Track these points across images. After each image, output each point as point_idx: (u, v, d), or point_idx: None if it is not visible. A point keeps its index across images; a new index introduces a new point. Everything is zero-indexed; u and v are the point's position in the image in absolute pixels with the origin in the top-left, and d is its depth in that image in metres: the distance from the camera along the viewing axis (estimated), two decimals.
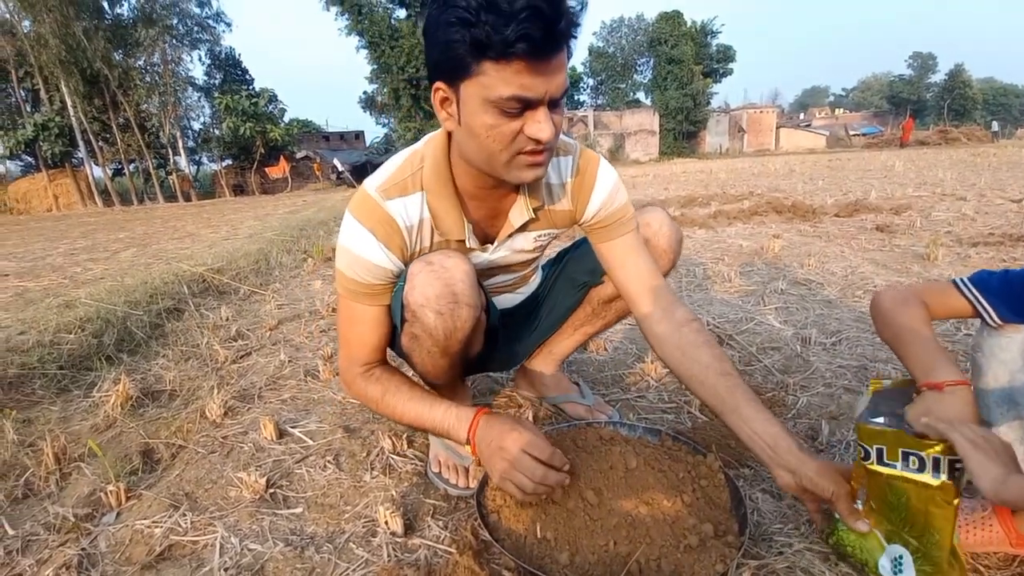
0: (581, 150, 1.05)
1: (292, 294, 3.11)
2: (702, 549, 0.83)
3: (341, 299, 1.03)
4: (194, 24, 20.84)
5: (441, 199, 0.95)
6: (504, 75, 0.72)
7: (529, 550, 0.87)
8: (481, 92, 0.74)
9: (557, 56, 0.73)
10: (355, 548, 0.99)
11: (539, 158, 0.82)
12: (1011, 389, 0.77)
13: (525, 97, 0.74)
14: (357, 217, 0.94)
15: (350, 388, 1.07)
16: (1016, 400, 0.76)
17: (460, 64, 0.74)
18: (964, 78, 43.99)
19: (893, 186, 6.25)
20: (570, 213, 1.06)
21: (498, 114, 0.76)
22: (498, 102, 0.74)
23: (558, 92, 0.76)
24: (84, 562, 1.00)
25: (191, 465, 1.32)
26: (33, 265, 4.77)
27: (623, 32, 35.96)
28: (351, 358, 1.05)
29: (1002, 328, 0.77)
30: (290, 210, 9.57)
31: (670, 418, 1.39)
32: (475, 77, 0.74)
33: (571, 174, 1.03)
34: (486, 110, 0.76)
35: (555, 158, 1.01)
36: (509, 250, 1.08)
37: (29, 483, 1.27)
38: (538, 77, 0.73)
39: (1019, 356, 0.75)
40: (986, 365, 0.79)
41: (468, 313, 0.93)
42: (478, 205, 0.99)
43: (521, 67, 0.71)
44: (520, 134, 0.78)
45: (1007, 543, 0.87)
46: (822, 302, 2.21)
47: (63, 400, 1.74)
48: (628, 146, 28.57)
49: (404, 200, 0.94)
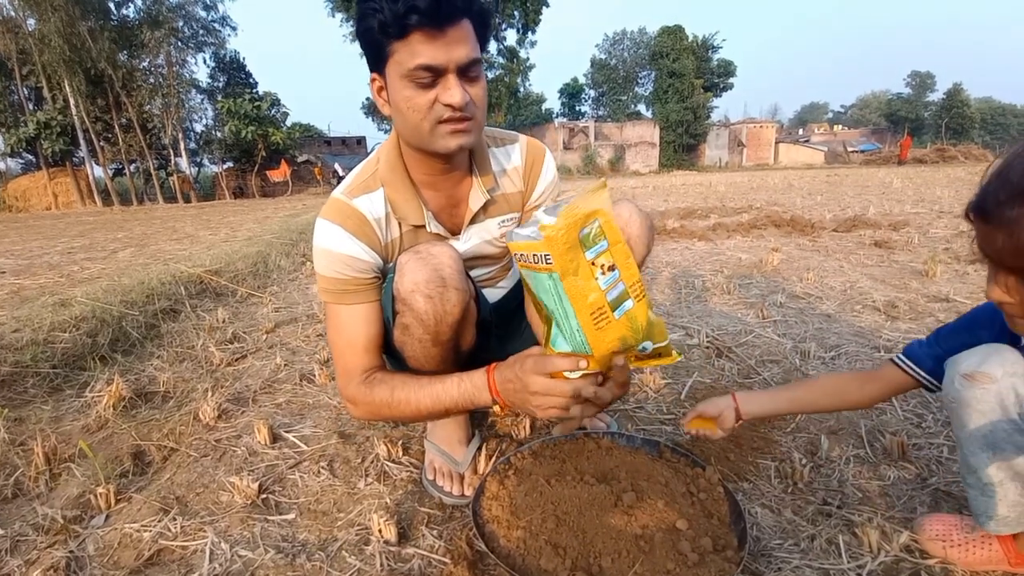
0: (527, 139, 1.15)
1: (290, 297, 3.10)
2: (701, 564, 0.81)
3: (327, 309, 1.04)
4: (200, 27, 20.92)
5: (397, 190, 1.01)
6: (410, 48, 0.82)
7: (525, 561, 0.85)
8: (397, 70, 0.84)
9: (454, 26, 0.82)
10: (347, 556, 0.98)
11: (460, 126, 0.89)
12: (992, 435, 0.78)
13: (430, 65, 0.82)
14: (327, 217, 1.00)
15: (356, 405, 1.01)
16: (998, 445, 0.78)
17: (379, 50, 0.84)
18: (962, 97, 44.32)
19: (891, 202, 6.28)
20: (521, 194, 1.15)
21: (414, 87, 0.85)
22: (409, 75, 0.83)
23: (464, 60, 0.84)
24: (72, 565, 0.98)
25: (183, 468, 1.30)
26: (30, 263, 4.75)
27: (625, 45, 36.31)
28: (348, 371, 1.02)
29: (975, 379, 0.78)
30: (290, 213, 9.56)
31: (669, 430, 1.38)
32: (391, 59, 0.84)
33: (520, 159, 1.13)
34: (404, 85, 0.85)
35: (503, 147, 1.12)
36: (479, 239, 1.12)
37: (19, 483, 1.25)
38: (439, 47, 0.81)
39: (997, 405, 0.76)
40: (965, 416, 0.80)
41: (457, 297, 0.95)
42: (435, 194, 1.05)
43: (420, 38, 0.81)
44: (436, 103, 0.86)
45: (1006, 563, 0.86)
46: (821, 316, 2.21)
47: (55, 399, 1.72)
48: (628, 158, 28.71)
49: (368, 196, 1.01)
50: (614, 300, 0.77)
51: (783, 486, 1.13)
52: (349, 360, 1.02)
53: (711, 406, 1.09)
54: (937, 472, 1.15)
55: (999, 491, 0.79)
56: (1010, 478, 0.78)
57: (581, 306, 0.76)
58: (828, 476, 1.15)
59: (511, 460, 1.09)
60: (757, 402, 1.08)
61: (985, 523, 0.83)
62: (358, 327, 1.01)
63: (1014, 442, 0.76)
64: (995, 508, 0.80)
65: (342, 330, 1.02)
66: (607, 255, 0.76)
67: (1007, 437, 0.76)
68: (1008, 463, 0.77)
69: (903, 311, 2.20)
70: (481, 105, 0.90)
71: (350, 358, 1.02)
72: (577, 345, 0.81)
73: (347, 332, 1.02)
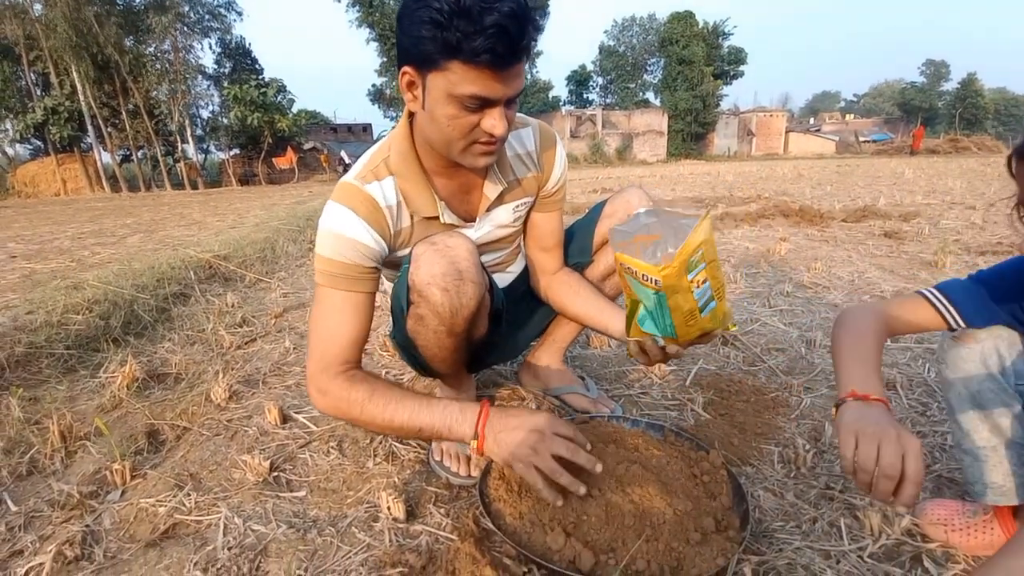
0: (539, 124, 1.14)
1: (297, 283, 3.12)
2: (703, 542, 0.83)
3: (318, 290, 0.98)
4: (206, 12, 20.83)
5: (409, 180, 1.00)
6: (469, 76, 0.79)
7: (530, 539, 0.87)
8: (446, 86, 0.81)
9: (517, 65, 0.81)
10: (357, 532, 1.00)
11: (491, 148, 0.90)
12: (980, 396, 0.80)
13: (486, 97, 0.82)
14: (338, 200, 0.98)
15: (324, 395, 0.95)
16: (985, 406, 0.79)
17: (429, 58, 0.80)
18: (976, 87, 43.55)
19: (902, 193, 6.22)
20: (537, 178, 1.14)
21: (459, 107, 0.83)
22: (461, 98, 0.81)
23: (514, 93, 0.85)
24: (88, 539, 1.01)
25: (196, 447, 1.33)
26: (41, 248, 4.80)
27: (634, 31, 35.74)
28: (325, 359, 0.95)
29: (960, 339, 0.79)
30: (296, 200, 9.58)
31: (673, 415, 1.39)
32: (442, 72, 0.80)
33: (535, 144, 1.12)
34: (449, 102, 0.83)
35: (516, 131, 1.10)
36: (492, 225, 1.12)
37: (34, 460, 1.28)
38: (499, 82, 0.81)
39: (981, 364, 0.78)
40: (952, 376, 0.82)
41: (473, 290, 0.95)
42: (447, 183, 1.04)
43: (485, 72, 0.79)
44: (477, 127, 0.86)
45: None
46: (828, 306, 2.20)
47: (70, 380, 1.76)
48: (636, 146, 28.45)
49: (379, 183, 0.99)
50: (703, 305, 0.86)
51: (786, 470, 1.14)
52: (329, 348, 0.95)
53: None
54: (940, 459, 1.16)
55: (992, 456, 0.80)
56: (1004, 444, 0.79)
57: (677, 314, 0.86)
58: (831, 462, 1.16)
59: None
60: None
61: (981, 492, 0.83)
62: (347, 317, 0.96)
63: (1002, 401, 0.78)
64: (988, 475, 0.81)
65: (330, 316, 0.96)
66: (704, 272, 0.84)
67: (994, 397, 0.78)
68: (998, 426, 0.79)
69: None
70: (511, 127, 0.92)
71: (331, 347, 0.96)
72: (664, 329, 0.90)
73: (335, 320, 0.96)
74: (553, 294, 1.25)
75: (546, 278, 1.26)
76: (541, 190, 1.16)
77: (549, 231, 1.22)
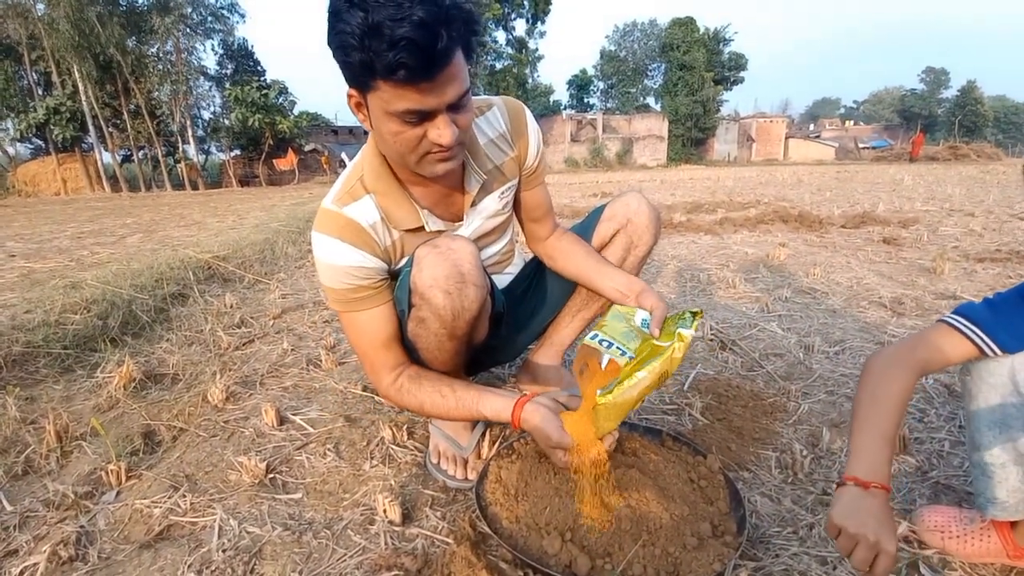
0: (504, 100, 1.11)
1: (296, 284, 3.12)
2: (700, 548, 0.83)
3: (341, 317, 1.04)
4: (208, 14, 20.89)
5: (387, 196, 0.99)
6: (396, 93, 0.76)
7: (527, 542, 0.87)
8: (381, 104, 0.79)
9: (444, 71, 0.76)
10: (353, 535, 1.00)
11: (446, 154, 0.87)
12: (1002, 412, 0.77)
13: (419, 110, 0.79)
14: (321, 231, 0.98)
15: (395, 400, 1.05)
16: (1007, 423, 0.77)
17: (358, 79, 0.78)
18: (976, 95, 43.67)
19: (901, 200, 6.23)
20: (516, 159, 1.13)
21: (400, 123, 0.81)
22: (398, 114, 0.79)
23: (455, 98, 0.80)
24: (82, 539, 1.01)
25: (192, 448, 1.33)
26: (40, 247, 4.80)
27: (635, 36, 35.87)
28: (376, 369, 1.04)
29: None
30: (296, 202, 9.58)
31: (671, 419, 1.39)
32: (374, 91, 0.78)
33: (504, 124, 1.09)
34: (389, 119, 0.81)
35: (483, 115, 1.07)
36: (482, 218, 1.12)
37: (29, 460, 1.28)
38: (428, 94, 0.77)
39: (1008, 380, 0.76)
40: (976, 389, 0.79)
41: (475, 293, 0.95)
42: (425, 190, 1.03)
43: (408, 87, 0.75)
44: (424, 138, 0.83)
45: (1004, 554, 0.87)
46: (826, 311, 2.20)
47: (66, 379, 1.75)
48: (636, 151, 28.51)
49: (357, 204, 0.99)
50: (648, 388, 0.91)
51: (783, 476, 1.14)
52: (375, 359, 1.03)
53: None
54: (938, 465, 1.16)
55: (1000, 473, 0.79)
56: (1013, 461, 0.78)
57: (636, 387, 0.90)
58: (829, 468, 1.16)
59: (514, 445, 1.11)
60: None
61: (984, 505, 0.83)
62: (377, 327, 1.01)
63: (1023, 419, 0.75)
64: (993, 490, 0.80)
65: (362, 335, 1.02)
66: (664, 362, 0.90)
67: (1016, 413, 0.76)
68: (1014, 444, 0.77)
69: (909, 307, 2.19)
70: (468, 127, 0.89)
71: (376, 357, 1.03)
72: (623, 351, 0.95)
73: (368, 335, 1.02)
74: (550, 259, 1.27)
75: (540, 244, 1.28)
76: (522, 169, 1.15)
77: (536, 203, 1.23)
